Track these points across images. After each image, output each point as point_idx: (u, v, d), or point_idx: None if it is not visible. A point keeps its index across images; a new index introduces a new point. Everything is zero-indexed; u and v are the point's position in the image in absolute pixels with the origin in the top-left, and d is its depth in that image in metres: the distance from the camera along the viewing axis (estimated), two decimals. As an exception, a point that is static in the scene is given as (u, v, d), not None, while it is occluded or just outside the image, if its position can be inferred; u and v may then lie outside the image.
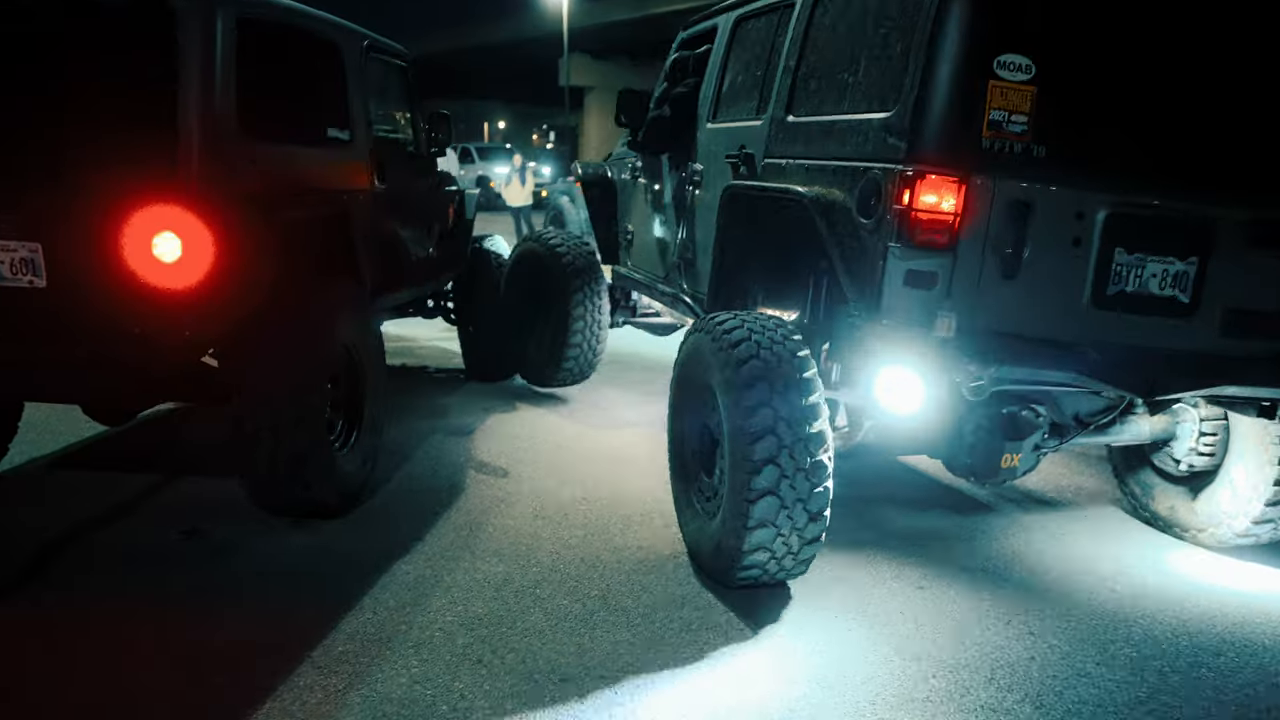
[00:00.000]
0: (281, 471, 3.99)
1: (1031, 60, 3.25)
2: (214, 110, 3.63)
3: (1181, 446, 4.37)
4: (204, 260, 3.51)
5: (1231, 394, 3.72)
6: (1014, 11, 3.27)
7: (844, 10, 4.00)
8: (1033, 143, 3.29)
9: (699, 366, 3.91)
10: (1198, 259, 3.48)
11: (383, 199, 5.22)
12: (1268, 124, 3.53)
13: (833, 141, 3.83)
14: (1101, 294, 3.42)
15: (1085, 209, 3.36)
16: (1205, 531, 4.35)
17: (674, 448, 4.30)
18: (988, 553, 4.30)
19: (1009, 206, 3.28)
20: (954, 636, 3.48)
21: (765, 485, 3.41)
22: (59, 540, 4.09)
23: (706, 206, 4.91)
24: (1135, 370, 3.51)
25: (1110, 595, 3.88)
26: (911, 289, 3.31)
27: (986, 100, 3.24)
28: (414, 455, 5.38)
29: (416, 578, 3.84)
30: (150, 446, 5.49)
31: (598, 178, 6.69)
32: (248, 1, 3.93)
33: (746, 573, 3.64)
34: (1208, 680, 3.23)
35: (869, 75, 3.70)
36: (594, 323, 6.26)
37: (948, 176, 3.23)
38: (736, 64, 5.00)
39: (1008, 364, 3.34)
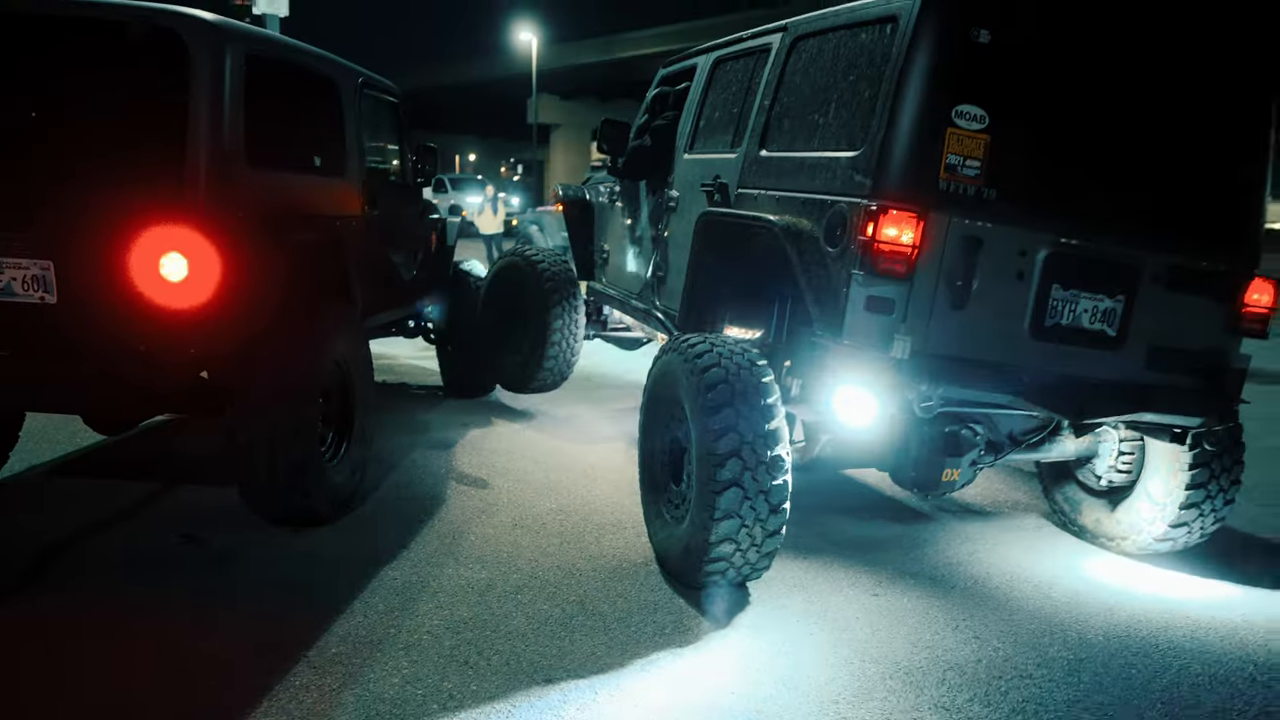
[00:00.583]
0: (279, 481, 3.96)
1: (985, 111, 3.39)
2: (222, 138, 3.62)
3: (1103, 464, 4.52)
4: (211, 280, 3.49)
5: (1150, 421, 3.88)
6: (971, 68, 3.41)
7: (816, 58, 4.11)
8: (984, 186, 3.43)
9: (670, 384, 3.98)
10: (1125, 298, 3.66)
11: (373, 225, 5.21)
12: (1189, 184, 3.75)
13: (803, 176, 3.92)
14: (1040, 325, 3.58)
15: (1028, 248, 3.52)
16: (1125, 540, 4.48)
17: (644, 462, 4.34)
18: (934, 561, 4.35)
19: (961, 242, 3.42)
20: (907, 641, 3.52)
21: (729, 478, 3.50)
22: (59, 545, 4.01)
23: (681, 230, 4.97)
24: (1067, 396, 3.65)
25: (1046, 601, 3.95)
26: (871, 314, 3.42)
27: (944, 145, 3.39)
28: (398, 466, 5.34)
29: (404, 583, 3.81)
30: (148, 455, 5.40)
31: (577, 200, 6.74)
32: (255, 38, 3.92)
33: (713, 567, 3.67)
34: (1138, 680, 3.29)
35: (839, 117, 3.81)
36: (571, 333, 6.29)
37: (908, 212, 3.34)
38: (714, 101, 5.09)
39: (955, 385, 3.48)
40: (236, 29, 3.80)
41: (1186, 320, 3.78)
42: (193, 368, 3.76)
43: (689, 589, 3.85)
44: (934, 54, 3.40)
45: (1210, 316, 3.82)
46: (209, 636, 3.29)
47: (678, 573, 3.92)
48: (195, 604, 3.54)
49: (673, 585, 3.90)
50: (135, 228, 3.43)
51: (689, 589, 3.85)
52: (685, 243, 4.75)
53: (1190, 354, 3.81)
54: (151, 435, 5.70)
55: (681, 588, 3.88)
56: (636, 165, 5.57)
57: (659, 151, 5.40)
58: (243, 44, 3.76)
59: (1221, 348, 3.86)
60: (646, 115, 5.75)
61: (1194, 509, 4.21)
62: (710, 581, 3.75)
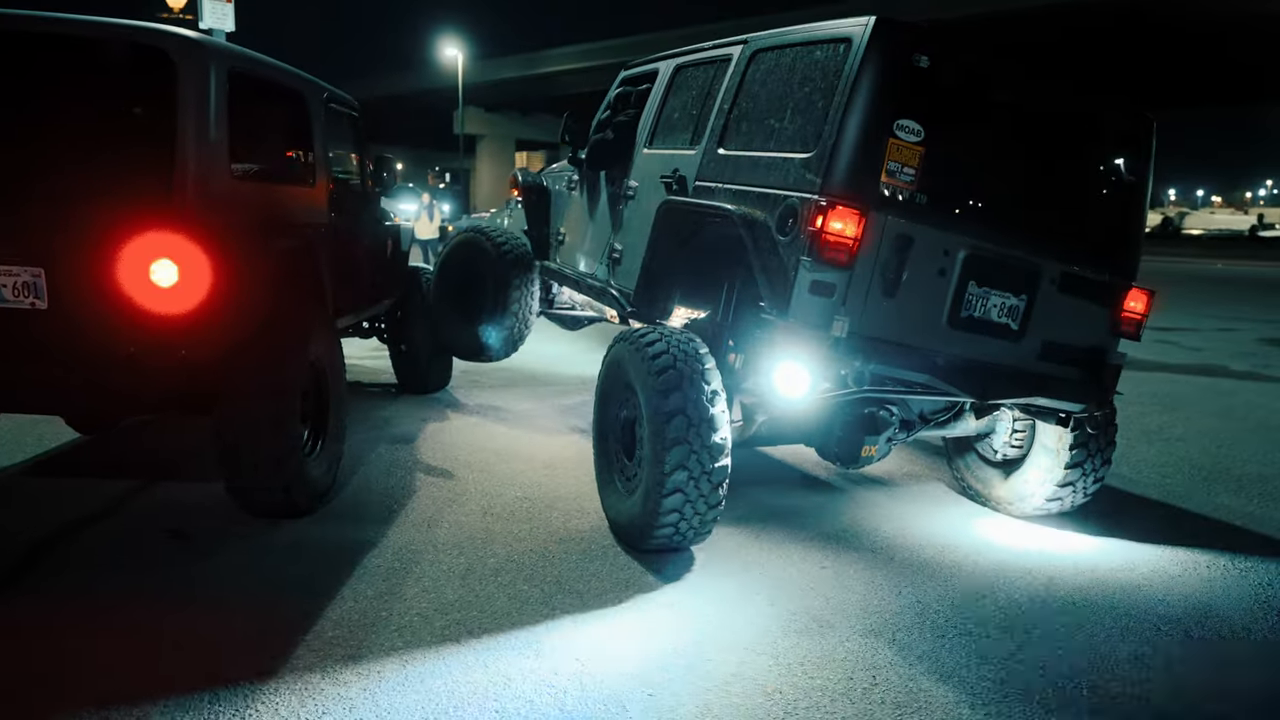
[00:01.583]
0: (263, 476, 3.90)
1: (922, 127, 3.63)
2: (208, 149, 3.54)
3: (999, 439, 4.87)
4: (200, 285, 3.42)
5: (1040, 404, 4.22)
6: (911, 89, 3.65)
7: (774, 69, 4.30)
8: (917, 191, 3.68)
9: (623, 370, 4.19)
10: (1027, 297, 3.96)
11: (338, 231, 5.14)
12: (1082, 206, 4.17)
13: (758, 172, 4.09)
14: (956, 316, 3.85)
15: (950, 248, 3.77)
16: (1013, 504, 4.84)
17: (599, 438, 4.51)
18: (853, 526, 4.50)
19: (895, 239, 3.66)
20: (860, 608, 3.65)
21: (677, 460, 3.75)
22: (43, 544, 3.88)
23: (639, 217, 5.10)
24: (975, 378, 3.96)
25: (975, 568, 4.12)
26: (815, 296, 3.62)
27: (886, 154, 3.62)
28: (366, 460, 5.29)
29: (388, 569, 3.79)
30: (124, 454, 5.23)
31: (535, 186, 6.78)
32: (236, 55, 3.86)
33: (661, 533, 3.91)
34: (1061, 632, 3.46)
35: (793, 123, 4.00)
36: (526, 306, 6.42)
37: (852, 209, 3.56)
38: (674, 102, 5.21)
39: (883, 363, 3.77)
40: (220, 47, 3.73)
41: (1075, 320, 4.12)
42: (181, 370, 3.68)
43: (638, 551, 4.05)
44: (881, 74, 3.62)
45: (1094, 318, 4.17)
46: (207, 624, 3.23)
47: (629, 537, 4.12)
48: (189, 594, 3.47)
49: (644, 563, 3.96)
50: (126, 236, 3.34)
51: (638, 551, 4.05)
52: (642, 228, 4.90)
53: (1077, 349, 4.15)
54: (127, 433, 5.52)
55: (638, 555, 3.99)
56: (598, 157, 5.67)
57: (620, 145, 5.51)
58: (226, 60, 3.69)
59: (1102, 346, 4.21)
60: (609, 111, 5.84)
61: (1073, 480, 4.58)
62: (657, 545, 3.98)
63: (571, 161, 6.13)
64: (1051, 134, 4.12)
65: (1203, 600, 3.81)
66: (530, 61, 54.41)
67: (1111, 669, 3.20)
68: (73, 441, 5.27)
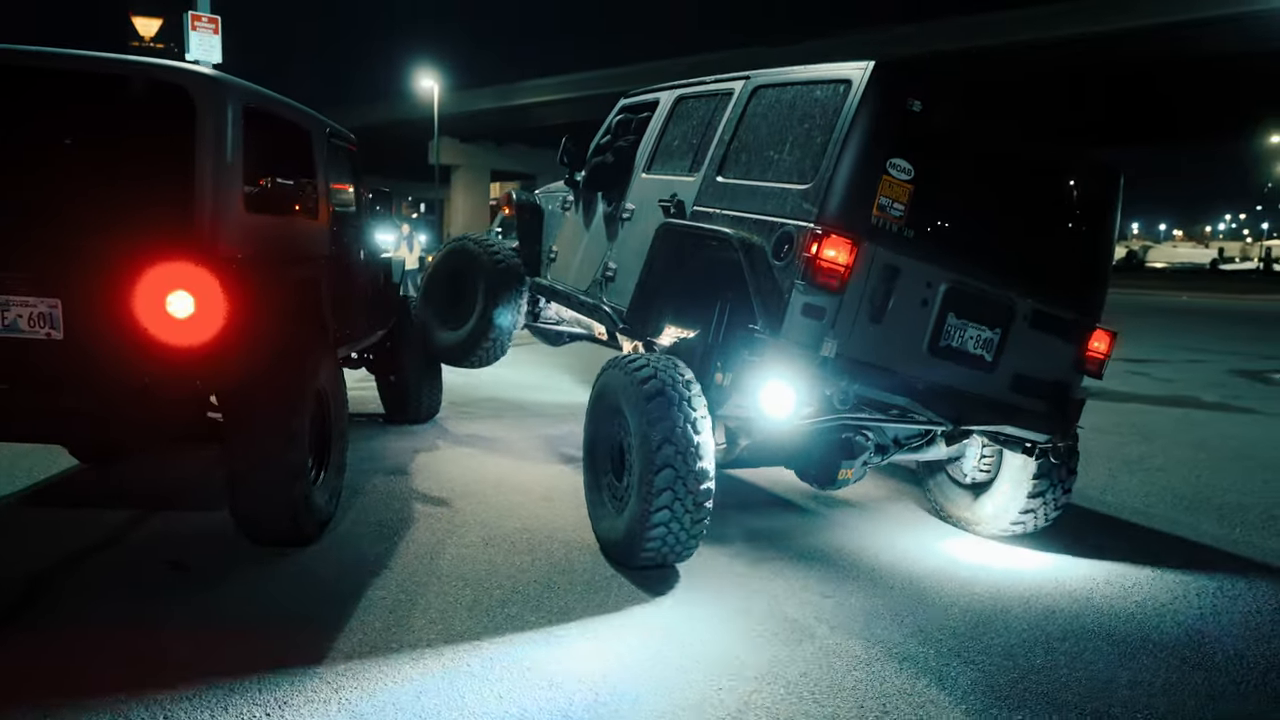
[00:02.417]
0: (272, 504, 3.92)
1: (912, 166, 3.85)
2: (225, 182, 3.60)
3: (968, 464, 5.09)
4: (217, 316, 3.47)
5: (1009, 433, 4.44)
6: (905, 130, 3.87)
7: (774, 105, 4.50)
8: (905, 226, 3.90)
9: (613, 395, 4.38)
10: (1001, 331, 4.18)
11: (337, 263, 5.19)
12: (1055, 251, 4.45)
13: (756, 200, 4.28)
14: (936, 344, 4.08)
15: (933, 281, 4.01)
16: (981, 525, 5.04)
17: (589, 460, 4.68)
18: (825, 546, 4.58)
19: (883, 269, 3.89)
20: (863, 636, 3.70)
21: (665, 483, 3.95)
22: (42, 576, 3.86)
23: (635, 238, 5.26)
24: (950, 404, 4.19)
25: (973, 596, 4.19)
26: (807, 317, 3.83)
27: (879, 189, 3.83)
28: (362, 491, 5.29)
29: (393, 601, 3.81)
30: (122, 483, 5.21)
31: (529, 204, 6.91)
32: (250, 92, 3.92)
33: (648, 552, 4.10)
34: (1062, 661, 3.53)
35: (792, 155, 4.21)
36: (512, 314, 6.59)
37: (845, 238, 3.79)
38: (675, 130, 5.38)
39: (866, 384, 3.98)
40: (236, 84, 3.79)
41: (1043, 356, 4.35)
42: (195, 400, 3.70)
43: (625, 567, 4.23)
44: (877, 115, 3.84)
45: (1061, 355, 4.40)
46: (216, 657, 3.23)
47: (617, 554, 4.30)
48: (193, 627, 3.46)
49: (650, 593, 4.00)
50: (144, 267, 3.39)
51: (625, 567, 4.23)
52: (637, 248, 5.08)
53: (1044, 383, 4.38)
54: (123, 462, 5.49)
55: (640, 584, 4.05)
56: (597, 179, 5.83)
57: (619, 169, 5.69)
58: (241, 97, 3.76)
59: (1068, 381, 4.43)
60: (609, 136, 6.03)
61: (1035, 506, 4.81)
62: (644, 562, 4.16)
63: (568, 182, 6.33)
64: (1029, 181, 4.41)
65: (1195, 627, 3.92)
66: (505, 93, 54.77)
67: (1113, 694, 3.28)
68: (67, 471, 5.23)
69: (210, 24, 11.37)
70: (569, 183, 6.30)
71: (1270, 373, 11.92)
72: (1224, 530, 5.30)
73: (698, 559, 4.38)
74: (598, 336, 6.32)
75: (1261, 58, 32.84)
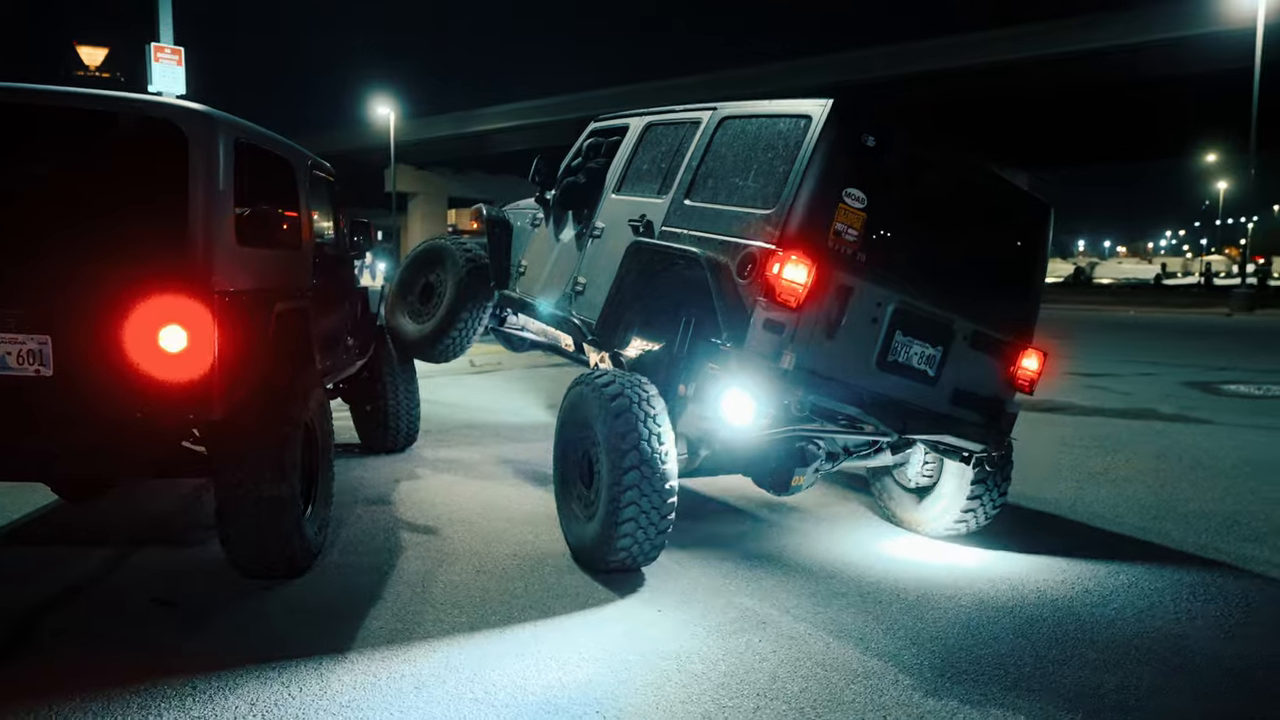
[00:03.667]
0: (267, 536, 3.91)
1: (866, 196, 4.19)
2: (217, 216, 3.62)
3: (911, 470, 5.43)
4: (210, 349, 3.46)
5: (949, 443, 4.84)
6: (859, 163, 4.23)
7: (740, 135, 4.79)
8: (859, 250, 4.23)
9: (582, 410, 4.64)
10: (942, 349, 4.50)
11: (319, 294, 5.19)
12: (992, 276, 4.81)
13: (722, 222, 4.55)
14: (884, 359, 4.41)
15: (882, 301, 4.35)
16: (925, 526, 5.40)
17: (559, 470, 4.94)
18: (781, 548, 4.67)
19: (838, 289, 4.22)
20: (857, 648, 3.78)
21: (631, 497, 4.22)
22: (23, 618, 3.79)
23: (605, 255, 5.47)
24: (896, 415, 4.51)
25: (958, 608, 4.27)
26: (768, 331, 4.14)
27: (835, 215, 4.15)
28: (347, 522, 5.27)
29: (390, 631, 3.80)
30: (101, 519, 5.12)
31: (500, 220, 7.05)
32: (239, 127, 3.94)
33: (616, 556, 4.37)
34: (1051, 669, 3.62)
35: (756, 182, 4.49)
36: (477, 316, 6.88)
37: (804, 260, 4.08)
38: (644, 155, 5.61)
39: (821, 394, 4.31)
40: (226, 119, 3.81)
41: (980, 372, 4.69)
42: (186, 433, 3.68)
43: (595, 571, 4.51)
44: (834, 148, 4.17)
45: (996, 372, 4.75)
46: (211, 696, 3.19)
47: (587, 559, 4.57)
48: (185, 665, 3.40)
49: (646, 613, 4.04)
50: (136, 301, 3.38)
51: (595, 571, 4.51)
52: (607, 265, 5.30)
53: (981, 397, 4.72)
54: (103, 498, 5.40)
55: (638, 607, 4.08)
56: (569, 198, 6.05)
57: (590, 189, 5.91)
58: (232, 132, 3.78)
59: (1001, 397, 4.78)
60: (580, 158, 6.23)
61: (974, 508, 5.17)
62: (614, 565, 4.44)
63: (538, 200, 6.54)
64: (970, 212, 4.81)
65: (1174, 630, 4.05)
66: (463, 120, 54.88)
67: (1103, 698, 3.39)
68: (44, 507, 5.15)
69: (174, 55, 11.29)
70: (539, 201, 6.51)
71: (1220, 384, 12.29)
72: (1191, 536, 5.48)
73: (675, 571, 4.47)
74: (564, 347, 6.53)
75: (1196, 80, 34.07)
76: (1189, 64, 33.16)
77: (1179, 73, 33.73)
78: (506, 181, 57.08)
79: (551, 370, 12.27)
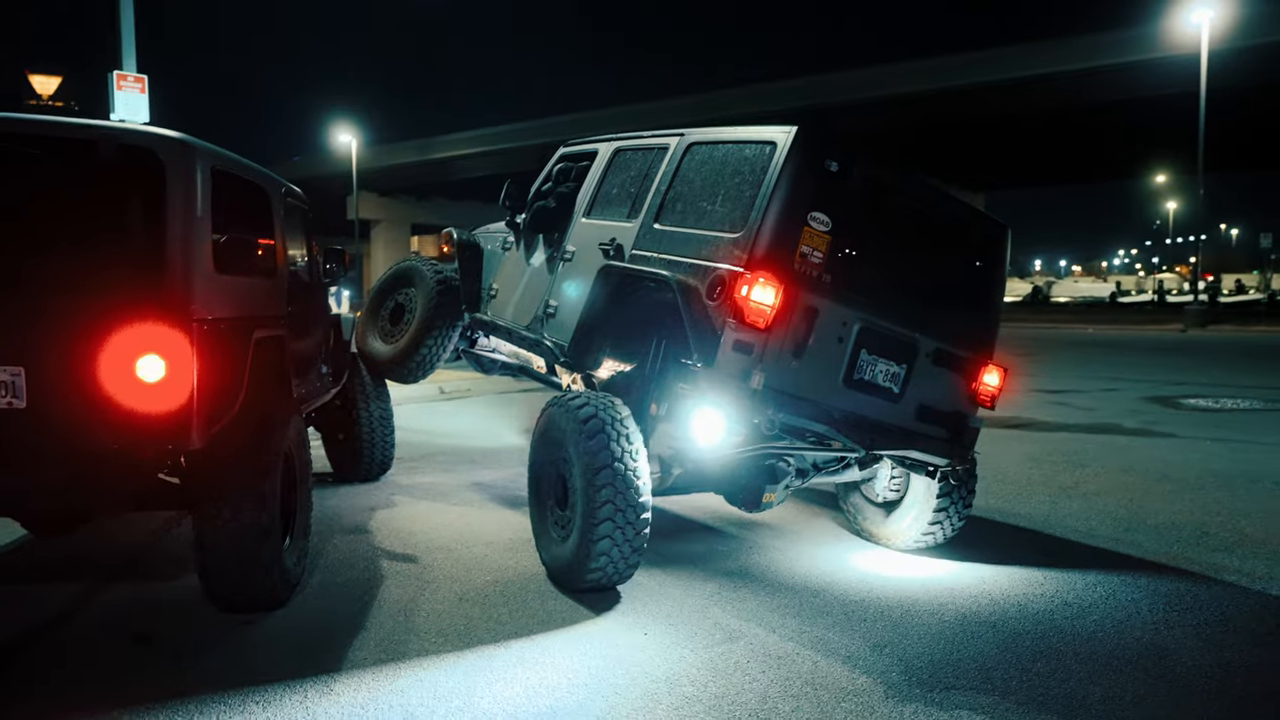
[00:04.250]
0: (245, 570, 3.83)
1: (830, 219, 4.30)
2: (195, 244, 3.58)
3: (879, 485, 5.57)
4: (190, 378, 3.41)
5: (914, 458, 4.95)
6: (823, 188, 4.34)
7: (707, 161, 4.88)
8: (824, 272, 4.33)
9: (556, 431, 4.68)
10: (906, 366, 4.61)
11: (293, 322, 5.14)
12: (953, 297, 4.95)
13: (691, 246, 4.63)
14: (850, 378, 4.52)
15: (848, 321, 4.46)
16: (894, 539, 5.50)
17: (534, 491, 4.96)
18: (751, 564, 4.68)
19: (805, 310, 4.33)
20: (845, 666, 3.79)
21: (606, 514, 4.27)
22: (3, 653, 3.69)
23: (576, 278, 5.53)
24: (863, 431, 4.60)
25: (942, 623, 4.30)
26: (737, 352, 4.22)
27: (801, 238, 4.25)
28: (324, 552, 5.20)
29: (375, 661, 3.74)
30: (74, 553, 5.00)
31: (470, 243, 7.08)
32: (216, 154, 3.91)
33: (592, 575, 4.40)
34: (1038, 681, 3.67)
35: (724, 207, 4.58)
36: (446, 337, 6.86)
37: (772, 282, 4.18)
38: (613, 179, 5.68)
39: (790, 413, 4.39)
40: (203, 146, 3.78)
41: (943, 389, 4.81)
42: (164, 466, 3.62)
43: (571, 590, 4.55)
44: (799, 173, 4.28)
45: (959, 389, 4.87)
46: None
47: (564, 578, 4.60)
48: (166, 703, 3.31)
49: (629, 636, 4.02)
50: (112, 331, 3.32)
51: (571, 590, 4.55)
52: (578, 288, 5.39)
53: (944, 413, 4.84)
54: (73, 532, 5.26)
55: (622, 629, 4.04)
56: (539, 222, 6.12)
57: (560, 213, 5.98)
58: (209, 159, 3.75)
59: (964, 412, 4.91)
60: (550, 183, 6.30)
61: (940, 521, 5.29)
62: (590, 584, 4.47)
63: (509, 224, 6.60)
64: (930, 234, 4.92)
65: (1153, 640, 4.11)
66: (425, 147, 54.76)
67: (1089, 709, 3.42)
68: (12, 543, 5.01)
69: (137, 83, 11.18)
70: (510, 225, 6.57)
71: (1179, 398, 12.55)
72: (1163, 547, 5.57)
73: (657, 592, 4.47)
74: (535, 369, 6.58)
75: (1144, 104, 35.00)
76: (1136, 89, 34.05)
77: (1127, 97, 34.62)
78: (469, 207, 57.08)
79: (520, 395, 12.23)
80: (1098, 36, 34.56)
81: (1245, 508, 6.50)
